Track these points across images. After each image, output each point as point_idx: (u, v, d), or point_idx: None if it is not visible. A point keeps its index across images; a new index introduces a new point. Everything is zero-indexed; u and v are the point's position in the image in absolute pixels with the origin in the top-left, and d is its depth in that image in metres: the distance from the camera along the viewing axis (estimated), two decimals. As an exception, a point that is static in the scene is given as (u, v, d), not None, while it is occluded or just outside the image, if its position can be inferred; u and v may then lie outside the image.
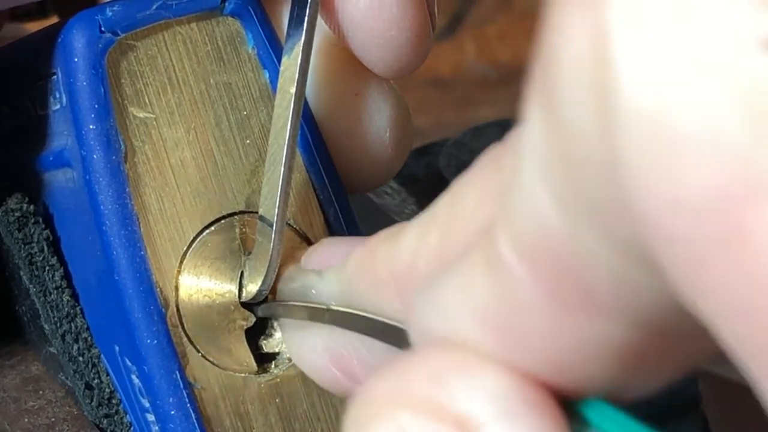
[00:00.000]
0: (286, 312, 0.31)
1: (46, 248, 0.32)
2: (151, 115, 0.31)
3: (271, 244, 0.30)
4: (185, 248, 0.31)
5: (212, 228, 0.31)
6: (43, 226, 0.32)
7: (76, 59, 0.30)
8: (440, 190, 0.25)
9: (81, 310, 0.32)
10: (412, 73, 0.33)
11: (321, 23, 0.32)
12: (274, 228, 0.30)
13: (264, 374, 0.31)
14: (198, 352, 0.30)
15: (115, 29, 0.30)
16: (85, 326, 0.32)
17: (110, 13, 0.30)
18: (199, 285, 0.31)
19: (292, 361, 0.31)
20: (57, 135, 0.31)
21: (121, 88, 0.30)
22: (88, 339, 0.32)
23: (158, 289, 0.30)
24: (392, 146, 0.34)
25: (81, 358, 0.32)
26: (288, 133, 0.30)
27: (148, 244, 0.30)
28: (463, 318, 0.21)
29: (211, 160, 0.31)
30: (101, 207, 0.30)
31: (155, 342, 0.30)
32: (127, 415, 0.31)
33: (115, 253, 0.30)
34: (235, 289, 0.31)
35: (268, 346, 0.32)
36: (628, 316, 0.19)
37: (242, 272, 0.31)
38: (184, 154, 0.31)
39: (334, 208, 0.33)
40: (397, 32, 0.31)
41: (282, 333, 0.31)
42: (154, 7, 0.31)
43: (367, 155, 0.34)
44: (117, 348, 0.31)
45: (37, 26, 0.34)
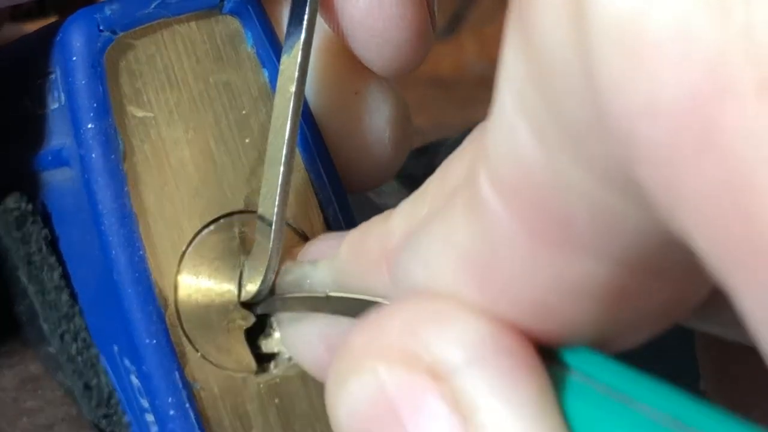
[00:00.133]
0: (283, 305, 0.31)
1: (44, 247, 0.32)
2: (150, 114, 0.31)
3: (271, 243, 0.30)
4: (184, 248, 0.31)
5: (211, 227, 0.31)
6: (42, 225, 0.32)
7: (74, 58, 0.30)
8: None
9: (80, 309, 0.32)
10: (412, 72, 0.33)
11: (321, 22, 0.32)
12: (273, 227, 0.30)
13: (263, 374, 0.31)
14: (197, 351, 0.30)
15: (114, 28, 0.30)
16: (84, 326, 0.32)
17: (109, 12, 0.30)
18: (198, 284, 0.31)
19: (291, 361, 0.31)
20: (55, 134, 0.31)
21: (119, 87, 0.30)
22: (87, 339, 0.32)
23: (157, 289, 0.30)
24: (392, 146, 0.34)
25: (80, 358, 0.32)
26: (287, 133, 0.30)
27: (147, 243, 0.30)
28: (443, 263, 0.21)
29: (210, 159, 0.31)
30: (100, 206, 0.30)
31: (154, 342, 0.30)
32: (126, 415, 0.31)
33: (113, 252, 0.30)
34: (234, 288, 0.31)
35: (267, 345, 0.31)
36: (608, 252, 0.19)
37: (241, 272, 0.31)
38: (183, 153, 0.31)
39: (333, 208, 0.33)
40: (397, 32, 0.31)
41: (279, 329, 0.31)
42: (152, 6, 0.30)
43: (367, 155, 0.34)
44: (116, 348, 0.31)
45: (36, 26, 0.34)
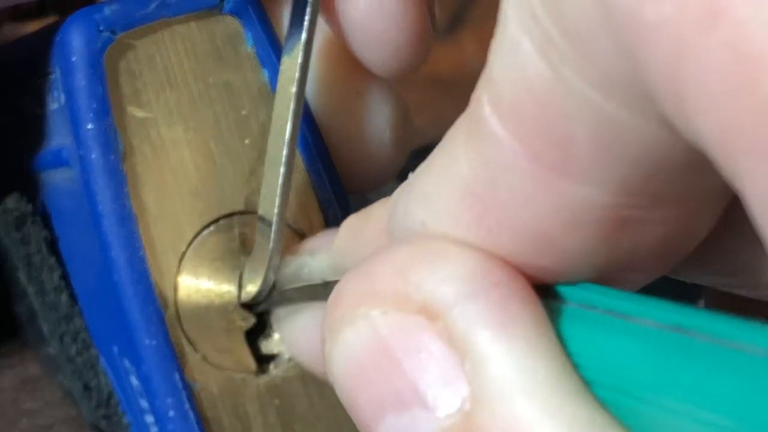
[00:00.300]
0: (282, 299, 0.31)
1: (44, 248, 0.32)
2: (150, 115, 0.31)
3: (271, 244, 0.30)
4: (184, 248, 0.31)
5: (211, 228, 0.31)
6: (42, 225, 0.32)
7: (73, 58, 0.30)
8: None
9: (79, 310, 0.32)
10: (412, 72, 0.33)
11: (321, 23, 0.32)
12: (273, 228, 0.30)
13: (263, 375, 0.31)
14: (197, 352, 0.30)
15: (114, 28, 0.30)
16: (84, 327, 0.32)
17: (108, 12, 0.30)
18: (198, 285, 0.31)
19: (291, 362, 0.31)
20: (55, 134, 0.31)
21: (119, 87, 0.30)
22: (87, 340, 0.32)
23: (157, 290, 0.30)
24: (392, 146, 0.34)
25: (79, 359, 0.32)
26: (288, 133, 0.30)
27: (147, 244, 0.30)
28: (443, 197, 0.21)
29: (210, 159, 0.31)
30: (99, 207, 0.30)
31: (154, 342, 0.30)
32: (126, 416, 0.31)
33: (113, 253, 0.30)
34: (234, 289, 0.31)
35: (267, 346, 0.31)
36: (608, 176, 0.19)
37: (241, 273, 0.31)
38: (183, 153, 0.31)
39: (333, 209, 0.33)
40: (397, 32, 0.31)
41: (277, 324, 0.31)
42: (152, 6, 0.30)
43: (367, 155, 0.34)
44: (116, 349, 0.31)
45: (36, 26, 0.34)
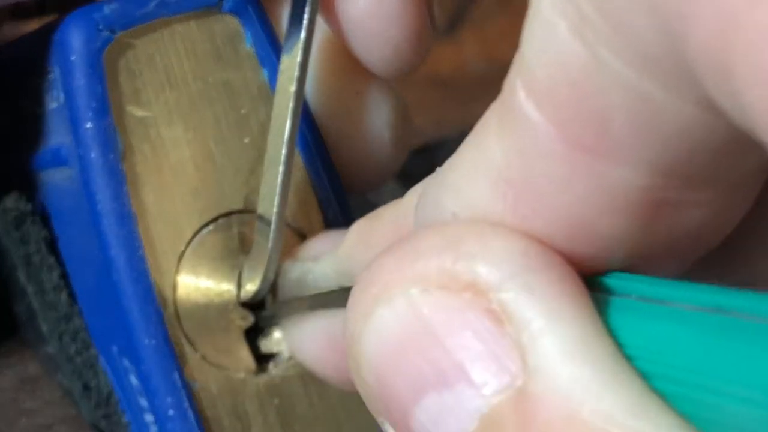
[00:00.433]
0: (287, 309, 0.31)
1: (43, 247, 0.32)
2: (150, 114, 0.31)
3: (270, 243, 0.30)
4: (183, 248, 0.31)
5: (211, 227, 0.31)
6: (41, 225, 0.32)
7: (73, 57, 0.30)
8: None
9: (79, 310, 0.32)
10: (412, 72, 0.33)
11: (320, 22, 0.32)
12: (272, 227, 0.30)
13: (263, 374, 0.31)
14: (196, 351, 0.30)
15: (113, 27, 0.30)
16: (83, 326, 0.32)
17: (108, 11, 0.30)
18: (198, 284, 0.31)
19: (291, 361, 0.31)
20: (55, 133, 0.31)
21: (118, 86, 0.30)
22: (86, 339, 0.32)
23: (156, 289, 0.30)
24: (392, 146, 0.34)
25: (79, 359, 0.32)
26: (287, 133, 0.30)
27: (146, 243, 0.30)
28: (476, 186, 0.21)
29: (210, 159, 0.31)
30: (99, 206, 0.29)
31: (153, 342, 0.30)
32: (125, 416, 0.31)
33: (113, 252, 0.29)
34: (233, 288, 0.31)
35: (266, 346, 0.31)
36: (644, 157, 0.19)
37: (240, 272, 0.31)
38: (182, 153, 0.31)
39: (333, 208, 0.33)
40: (397, 32, 0.31)
41: (282, 328, 0.31)
42: (152, 5, 0.30)
43: (367, 155, 0.34)
44: (115, 348, 0.31)
45: (36, 24, 0.34)
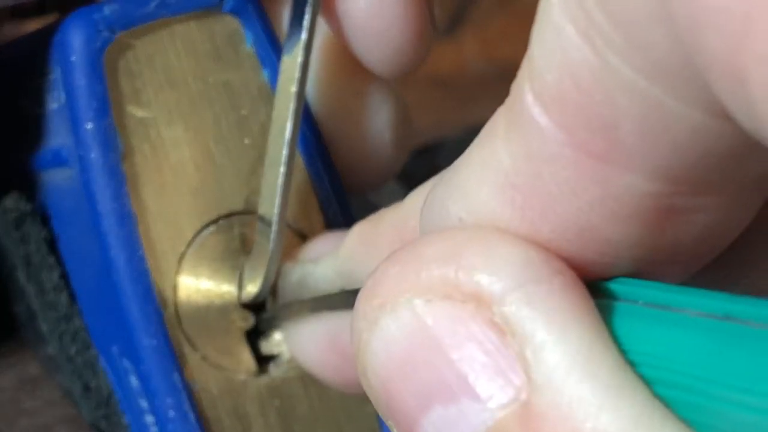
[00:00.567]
0: (288, 311, 0.31)
1: (43, 248, 0.32)
2: (150, 114, 0.31)
3: (271, 244, 0.30)
4: (184, 248, 0.31)
5: (211, 228, 0.31)
6: (41, 225, 0.32)
7: (73, 58, 0.30)
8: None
9: (79, 310, 0.32)
10: (412, 72, 0.33)
11: (321, 23, 0.32)
12: (273, 228, 0.30)
13: (263, 375, 0.31)
14: (197, 352, 0.30)
15: (113, 27, 0.30)
16: (83, 326, 0.32)
17: (108, 11, 0.30)
18: (198, 285, 0.31)
19: (291, 363, 0.31)
20: (55, 134, 0.31)
21: (119, 86, 0.30)
22: (86, 339, 0.32)
23: (156, 289, 0.30)
24: (392, 146, 0.34)
25: (79, 359, 0.32)
26: (288, 133, 0.30)
27: (147, 244, 0.30)
28: (483, 191, 0.20)
29: (210, 159, 0.31)
30: (99, 206, 0.29)
31: (154, 342, 0.29)
32: (125, 416, 0.31)
33: (113, 253, 0.29)
34: (234, 289, 0.31)
35: (267, 347, 0.31)
36: (652, 163, 0.19)
37: (241, 273, 0.31)
38: (182, 153, 0.31)
39: (333, 209, 0.33)
40: (397, 32, 0.31)
41: (283, 331, 0.31)
42: (152, 6, 0.30)
43: (367, 155, 0.34)
44: (115, 348, 0.30)
45: (36, 25, 0.34)
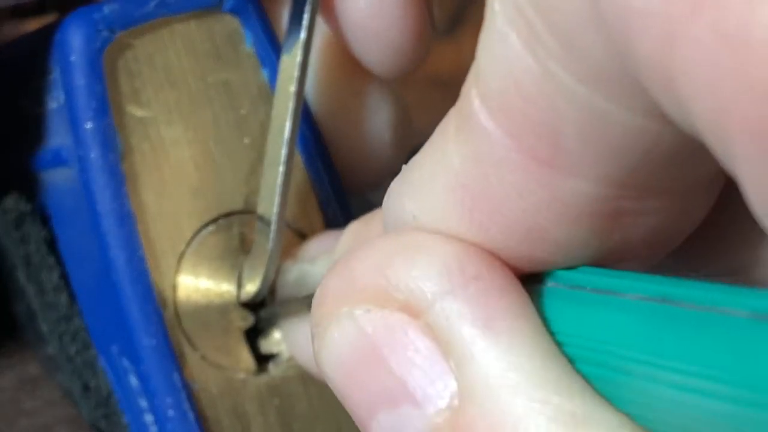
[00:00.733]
0: (285, 310, 0.31)
1: (43, 248, 0.32)
2: (149, 114, 0.31)
3: (270, 243, 0.30)
4: (183, 248, 0.31)
5: (210, 228, 0.31)
6: (41, 225, 0.32)
7: (73, 57, 0.30)
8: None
9: (78, 310, 0.32)
10: (412, 72, 0.33)
11: (320, 23, 0.32)
12: (272, 228, 0.30)
13: (263, 374, 0.31)
14: (196, 352, 0.30)
15: (113, 27, 0.30)
16: (83, 326, 0.32)
17: (107, 11, 0.30)
18: (198, 285, 0.31)
19: (291, 362, 0.31)
20: (54, 133, 0.31)
21: (118, 86, 0.30)
22: (86, 339, 0.32)
23: (156, 289, 0.30)
24: (392, 146, 0.34)
25: (79, 359, 0.32)
26: (287, 133, 0.30)
27: (146, 243, 0.30)
28: (433, 191, 0.21)
29: (210, 159, 0.31)
30: (98, 206, 0.29)
31: (153, 342, 0.30)
32: (125, 416, 0.31)
33: (112, 252, 0.29)
34: (233, 289, 0.31)
35: (266, 346, 0.31)
36: (597, 168, 0.19)
37: (240, 272, 0.31)
38: (182, 153, 0.31)
39: (333, 208, 0.33)
40: (397, 33, 0.31)
41: (281, 329, 0.31)
42: (152, 5, 0.30)
43: (367, 155, 0.34)
44: (115, 348, 0.30)
45: (36, 24, 0.34)
